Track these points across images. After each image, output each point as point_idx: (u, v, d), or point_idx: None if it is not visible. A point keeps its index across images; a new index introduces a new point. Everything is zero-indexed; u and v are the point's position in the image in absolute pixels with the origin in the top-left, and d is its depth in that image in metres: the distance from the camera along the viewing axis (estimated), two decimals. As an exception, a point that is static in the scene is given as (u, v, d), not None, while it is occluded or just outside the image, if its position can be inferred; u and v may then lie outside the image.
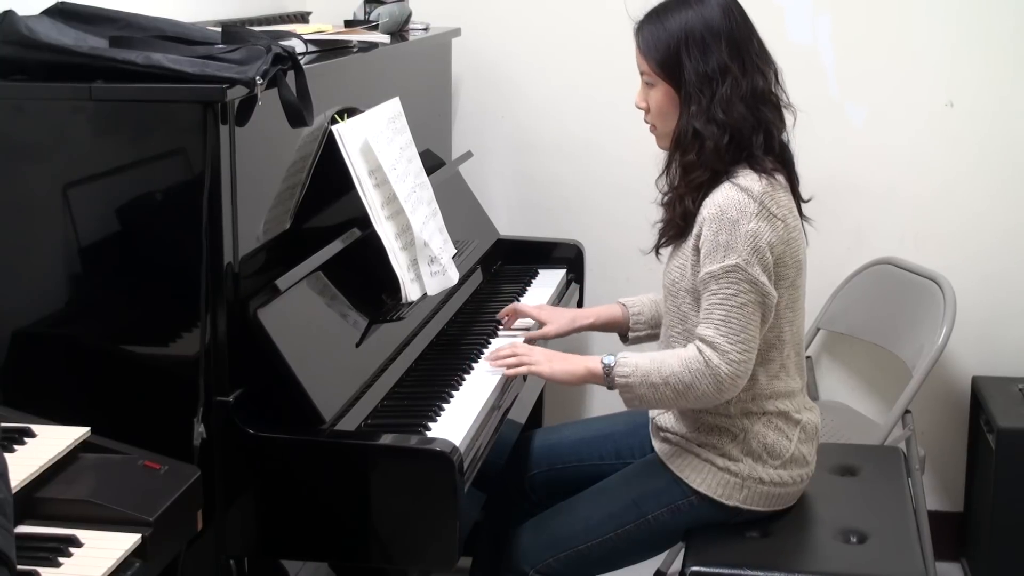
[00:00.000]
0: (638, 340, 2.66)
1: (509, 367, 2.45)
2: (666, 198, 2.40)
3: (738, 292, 2.21)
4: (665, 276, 2.42)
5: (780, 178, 2.30)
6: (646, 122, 2.40)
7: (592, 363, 2.35)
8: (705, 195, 2.28)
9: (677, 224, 2.36)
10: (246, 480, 2.11)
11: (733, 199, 2.23)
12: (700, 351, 2.23)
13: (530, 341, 2.65)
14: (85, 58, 2.03)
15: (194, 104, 1.99)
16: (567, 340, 2.77)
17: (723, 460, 2.33)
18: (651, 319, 2.63)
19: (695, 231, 2.28)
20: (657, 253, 2.47)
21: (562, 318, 2.71)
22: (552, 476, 2.60)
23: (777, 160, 2.31)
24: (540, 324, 2.72)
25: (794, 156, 2.38)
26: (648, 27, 2.33)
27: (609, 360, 2.32)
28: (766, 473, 2.33)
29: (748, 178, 2.25)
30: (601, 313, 2.70)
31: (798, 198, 2.37)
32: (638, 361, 2.30)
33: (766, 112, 2.30)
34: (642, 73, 2.36)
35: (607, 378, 2.32)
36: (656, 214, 2.44)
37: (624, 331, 2.67)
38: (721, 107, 2.26)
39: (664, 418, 2.41)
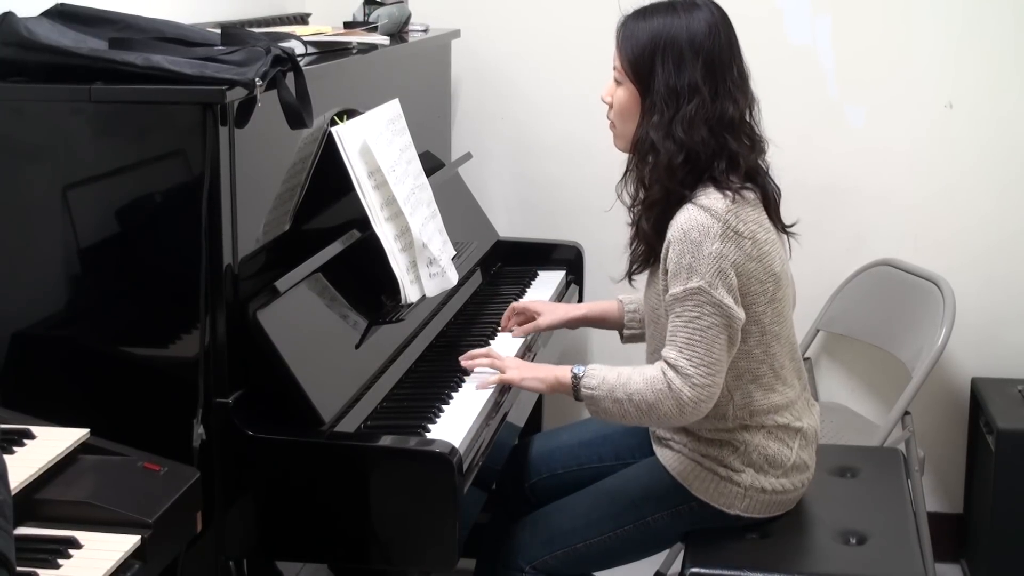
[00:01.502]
0: (634, 338, 2.65)
1: (480, 369, 2.45)
2: (631, 214, 2.38)
3: (701, 315, 2.17)
4: (645, 303, 2.41)
5: (748, 195, 2.25)
6: (607, 117, 2.37)
7: (562, 372, 2.33)
8: (663, 217, 2.25)
9: (642, 247, 2.35)
10: (245, 482, 2.11)
11: (696, 220, 2.18)
12: (664, 372, 2.20)
13: (524, 351, 2.67)
14: (84, 60, 2.03)
15: (193, 106, 2.00)
16: (565, 343, 2.78)
17: (725, 470, 2.32)
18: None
19: (663, 255, 2.25)
20: (631, 280, 2.46)
21: (556, 310, 2.72)
22: (553, 482, 2.59)
23: (743, 179, 2.25)
24: (536, 317, 2.73)
25: (772, 183, 2.32)
26: (632, 24, 2.29)
27: (578, 370, 2.30)
28: (768, 483, 2.33)
29: (711, 197, 2.21)
30: (594, 307, 2.70)
31: (776, 215, 2.32)
32: (605, 375, 2.27)
33: (731, 141, 2.24)
34: (614, 68, 2.32)
35: (574, 389, 2.30)
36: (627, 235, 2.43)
37: (619, 327, 2.67)
38: (682, 125, 2.21)
39: (664, 430, 2.40)
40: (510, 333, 2.75)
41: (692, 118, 2.21)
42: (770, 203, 2.31)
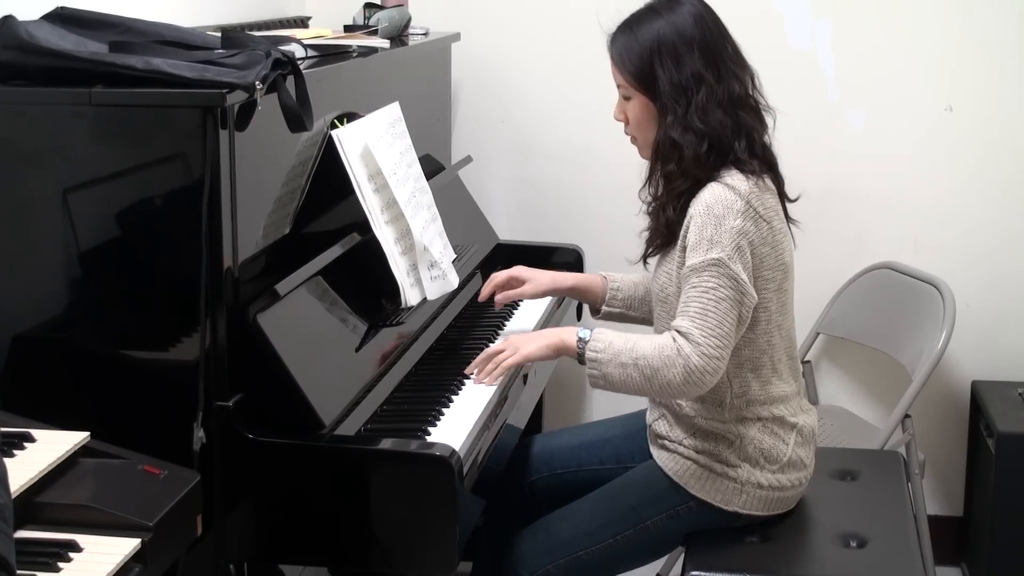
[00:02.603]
0: (610, 316, 2.64)
1: (489, 374, 2.42)
2: (651, 207, 2.40)
3: (718, 286, 2.20)
4: (654, 283, 2.42)
5: (767, 181, 2.29)
6: (626, 134, 2.40)
7: (567, 334, 2.33)
8: (688, 201, 2.28)
9: (662, 233, 2.36)
10: (246, 485, 2.11)
11: (720, 196, 2.23)
12: (674, 339, 2.21)
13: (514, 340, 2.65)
14: (85, 63, 2.03)
15: (194, 109, 2.00)
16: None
17: (721, 466, 2.33)
18: (628, 299, 2.62)
19: (682, 233, 2.28)
20: (645, 263, 2.47)
21: (542, 278, 2.66)
22: (552, 481, 2.60)
23: (762, 163, 2.31)
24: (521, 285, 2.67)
25: (777, 158, 2.37)
26: (621, 39, 2.32)
27: (584, 333, 2.31)
28: (764, 478, 2.33)
29: (735, 178, 2.25)
30: (581, 279, 2.68)
31: (784, 200, 2.37)
32: (612, 339, 2.28)
33: (745, 116, 2.29)
34: (618, 86, 2.35)
35: (579, 352, 2.31)
36: (644, 223, 2.44)
37: (599, 303, 2.65)
38: (698, 115, 2.25)
39: (660, 425, 2.41)
40: (518, 320, 2.75)
41: (705, 105, 2.25)
42: (782, 192, 2.36)
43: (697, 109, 2.25)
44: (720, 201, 2.22)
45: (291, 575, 2.35)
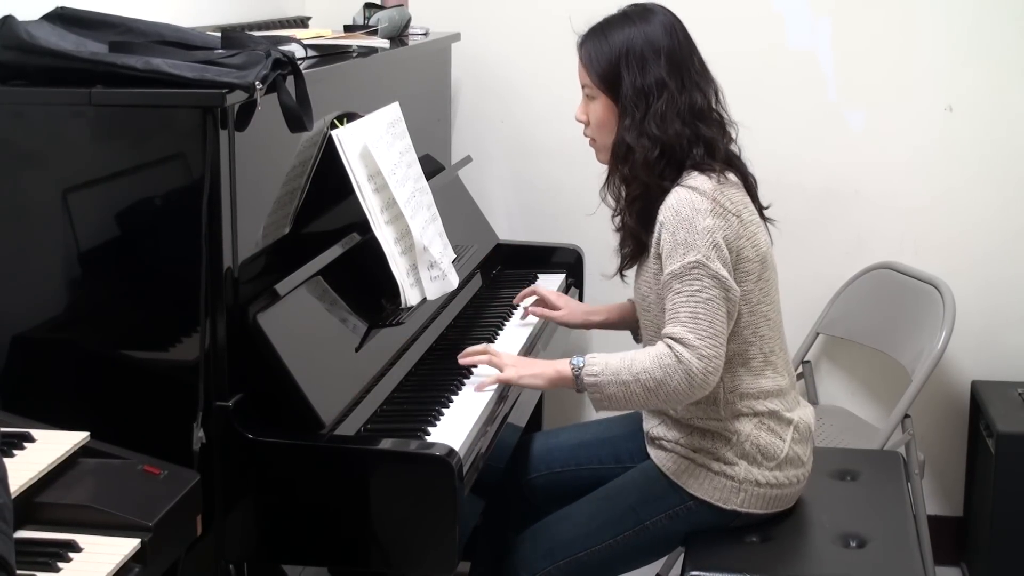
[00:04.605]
0: None
1: (479, 365, 2.46)
2: (616, 221, 2.43)
3: (702, 288, 2.21)
4: (635, 293, 2.43)
5: (731, 176, 2.32)
6: (585, 135, 2.43)
7: (561, 366, 2.33)
8: (646, 210, 2.31)
9: (629, 242, 2.40)
10: (245, 485, 2.11)
11: (685, 198, 2.25)
12: (670, 347, 2.22)
13: (526, 352, 2.68)
14: (85, 63, 2.03)
15: (194, 109, 2.00)
16: (566, 344, 2.77)
17: (718, 464, 2.33)
18: None
19: (654, 239, 2.29)
20: (622, 276, 2.49)
21: (576, 309, 2.74)
22: (551, 480, 2.60)
23: (723, 164, 2.32)
24: (553, 307, 2.77)
25: (747, 163, 2.39)
26: (591, 41, 2.37)
27: (578, 361, 2.31)
28: (762, 475, 2.34)
29: (698, 179, 2.27)
30: (612, 310, 2.71)
31: (755, 199, 2.39)
32: (608, 360, 2.28)
33: (705, 129, 2.31)
34: (583, 86, 2.39)
35: (576, 380, 2.30)
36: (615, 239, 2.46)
37: (636, 327, 2.67)
38: (655, 122, 2.28)
39: (658, 428, 2.41)
40: (519, 320, 2.78)
41: (663, 113, 2.29)
42: (750, 187, 2.38)
43: (655, 115, 2.28)
44: (686, 204, 2.24)
45: (291, 575, 2.35)
